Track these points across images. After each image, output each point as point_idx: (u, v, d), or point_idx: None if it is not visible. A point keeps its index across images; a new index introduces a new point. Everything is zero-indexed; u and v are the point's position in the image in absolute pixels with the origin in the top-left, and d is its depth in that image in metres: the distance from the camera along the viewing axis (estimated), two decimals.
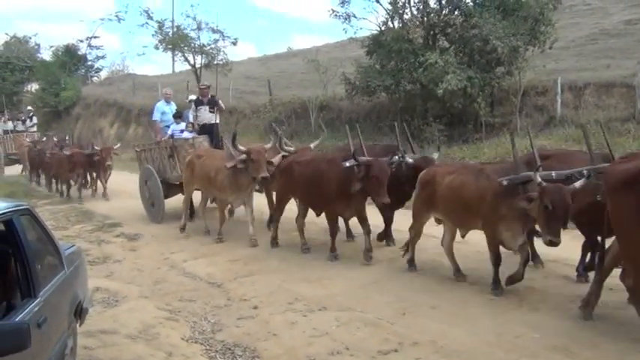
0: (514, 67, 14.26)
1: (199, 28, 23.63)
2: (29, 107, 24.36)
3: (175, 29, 24.70)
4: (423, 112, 15.26)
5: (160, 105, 12.42)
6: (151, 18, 24.40)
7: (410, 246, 7.05)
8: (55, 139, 18.64)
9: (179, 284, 7.13)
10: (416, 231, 6.99)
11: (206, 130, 11.34)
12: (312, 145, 9.50)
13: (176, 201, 11.06)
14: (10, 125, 21.79)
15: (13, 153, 20.59)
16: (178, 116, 11.75)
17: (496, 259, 5.99)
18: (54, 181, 16.22)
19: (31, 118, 22.36)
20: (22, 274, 3.38)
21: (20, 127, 21.74)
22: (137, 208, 12.36)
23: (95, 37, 36.96)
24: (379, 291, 6.31)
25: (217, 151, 10.16)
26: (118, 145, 16.16)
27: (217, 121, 11.69)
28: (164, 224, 10.71)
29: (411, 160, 7.69)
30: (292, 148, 9.41)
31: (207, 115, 11.37)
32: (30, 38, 39.98)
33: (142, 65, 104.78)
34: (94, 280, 6.47)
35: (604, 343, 4.61)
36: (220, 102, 11.69)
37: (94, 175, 14.89)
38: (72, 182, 14.73)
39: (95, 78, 38.11)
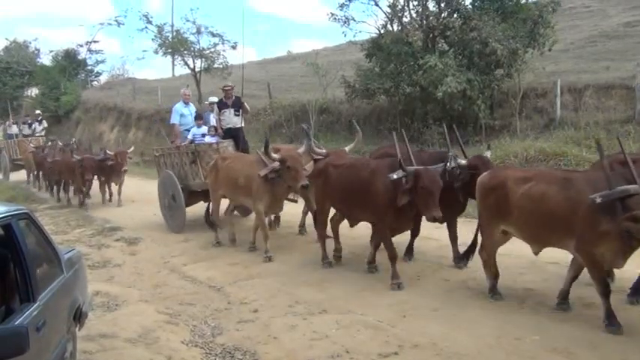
0: (513, 70, 14.27)
1: (199, 32, 23.67)
2: (38, 111, 23.03)
3: (175, 33, 24.73)
4: (422, 115, 15.27)
5: (179, 107, 11.67)
6: (150, 22, 24.47)
7: (486, 272, 6.03)
8: (59, 143, 17.88)
9: (179, 288, 7.12)
10: (488, 251, 5.98)
11: (231, 134, 10.63)
12: (347, 148, 8.85)
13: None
14: (14, 129, 20.96)
15: (18, 158, 19.76)
16: (199, 118, 11.04)
17: (605, 288, 4.99)
18: (56, 186, 15.65)
19: (40, 122, 21.38)
20: (21, 278, 3.38)
21: (27, 132, 20.77)
22: (137, 213, 12.38)
23: (95, 42, 36.91)
24: (379, 294, 6.31)
25: (245, 155, 9.57)
26: (132, 148, 15.11)
27: (243, 125, 11.00)
28: (164, 228, 10.69)
29: (464, 162, 6.84)
30: (324, 151, 8.65)
31: (232, 119, 10.67)
32: (30, 43, 39.97)
33: (142, 69, 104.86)
34: (94, 284, 6.48)
35: (604, 345, 4.61)
36: (246, 104, 10.99)
37: (103, 180, 14.06)
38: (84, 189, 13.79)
39: (95, 82, 38.08)
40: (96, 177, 13.91)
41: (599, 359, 4.45)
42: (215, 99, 11.41)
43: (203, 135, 10.71)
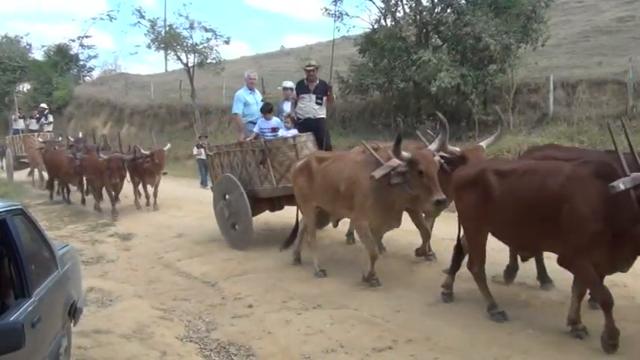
0: (507, 65, 14.34)
1: (192, 27, 23.57)
2: (43, 104, 21.73)
3: (168, 28, 24.61)
4: (416, 110, 15.31)
5: (242, 94, 9.28)
6: (143, 17, 24.27)
7: None
8: (71, 138, 16.68)
9: (173, 283, 7.12)
10: None
11: (309, 126, 8.42)
12: (483, 144, 6.91)
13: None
14: (21, 124, 19.66)
15: (23, 155, 18.35)
16: (268, 110, 8.66)
17: None
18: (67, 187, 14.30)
19: (45, 117, 19.79)
20: (15, 274, 3.37)
21: (34, 127, 19.27)
22: (130, 208, 12.33)
23: (87, 37, 36.76)
24: (373, 289, 6.31)
25: (347, 154, 7.51)
26: (168, 145, 13.34)
27: (325, 116, 8.81)
28: (157, 223, 10.67)
29: None
30: (458, 149, 6.68)
31: (312, 107, 8.48)
32: (22, 38, 39.78)
33: (135, 64, 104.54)
34: (88, 279, 6.47)
35: (597, 339, 4.63)
36: (332, 90, 8.95)
37: (137, 183, 12.45)
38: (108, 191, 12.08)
39: (87, 77, 37.98)
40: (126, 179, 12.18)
41: (592, 353, 4.48)
42: (290, 83, 9.10)
43: (273, 129, 8.58)
